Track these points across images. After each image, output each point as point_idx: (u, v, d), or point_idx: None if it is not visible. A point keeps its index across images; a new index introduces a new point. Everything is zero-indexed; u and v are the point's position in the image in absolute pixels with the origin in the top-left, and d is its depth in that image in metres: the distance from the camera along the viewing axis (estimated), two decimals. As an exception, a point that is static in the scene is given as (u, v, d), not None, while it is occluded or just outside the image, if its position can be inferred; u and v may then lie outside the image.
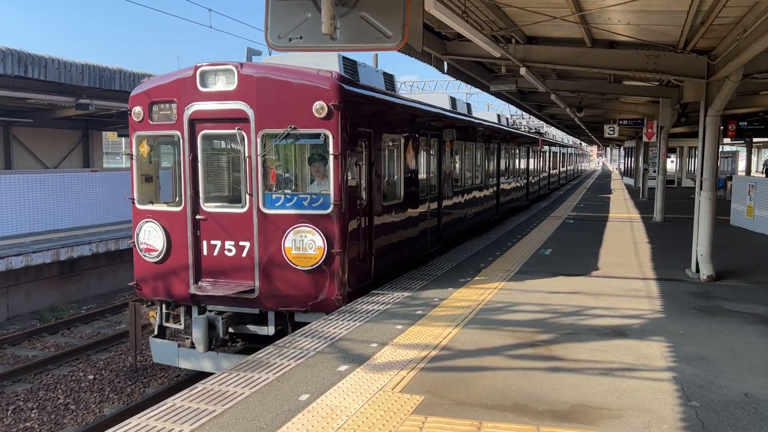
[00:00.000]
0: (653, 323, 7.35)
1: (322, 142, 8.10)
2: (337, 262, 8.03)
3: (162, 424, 4.63)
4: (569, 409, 4.88)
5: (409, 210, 10.83)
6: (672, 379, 5.54)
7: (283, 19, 4.84)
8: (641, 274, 10.40)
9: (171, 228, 8.64)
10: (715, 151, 10.12)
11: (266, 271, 8.19)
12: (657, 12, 8.30)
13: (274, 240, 8.11)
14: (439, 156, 12.75)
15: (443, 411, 4.84)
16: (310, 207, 8.12)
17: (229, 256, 8.37)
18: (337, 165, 7.94)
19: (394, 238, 10.13)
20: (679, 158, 37.73)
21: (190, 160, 8.45)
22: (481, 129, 17.05)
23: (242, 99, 8.12)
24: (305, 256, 8.03)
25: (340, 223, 8.01)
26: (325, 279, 8.07)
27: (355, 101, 8.52)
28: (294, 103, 7.98)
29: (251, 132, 8.12)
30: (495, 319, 7.47)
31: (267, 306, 8.33)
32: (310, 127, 7.95)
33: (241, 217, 8.29)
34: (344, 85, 8.14)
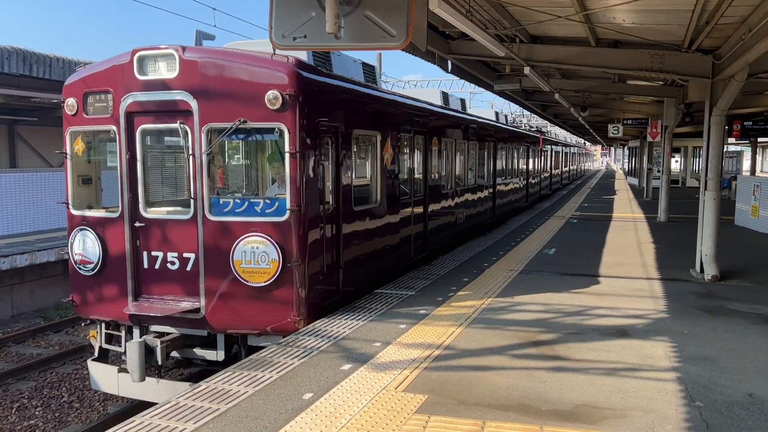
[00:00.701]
0: (657, 323, 7.33)
1: (277, 138, 7.18)
2: (295, 277, 7.00)
3: (166, 422, 4.64)
4: (573, 409, 4.88)
5: (388, 215, 9.82)
6: (676, 379, 5.53)
7: (287, 18, 4.84)
8: (645, 273, 10.38)
9: (107, 237, 7.61)
10: (720, 151, 10.09)
11: (213, 287, 7.17)
12: (662, 11, 8.28)
13: (221, 252, 7.09)
14: (426, 155, 11.76)
15: (446, 410, 4.84)
16: (263, 213, 7.13)
17: (172, 269, 7.34)
18: (295, 164, 6.95)
19: (369, 246, 9.13)
20: (684, 158, 37.64)
21: (128, 159, 7.42)
22: (475, 126, 15.98)
23: (184, 88, 7.12)
24: (257, 271, 7.02)
25: (299, 231, 7.03)
26: (280, 297, 7.06)
27: (318, 91, 7.58)
28: (244, 93, 7.01)
29: (195, 126, 7.13)
30: (498, 318, 7.46)
31: (215, 327, 7.28)
32: (263, 121, 6.98)
33: (185, 225, 7.27)
34: (303, 72, 7.18)
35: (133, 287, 7.48)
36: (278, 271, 6.97)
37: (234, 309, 7.17)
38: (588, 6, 8.24)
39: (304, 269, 7.10)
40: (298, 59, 7.24)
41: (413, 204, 11.10)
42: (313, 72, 7.56)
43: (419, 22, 4.90)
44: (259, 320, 7.16)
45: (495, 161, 18.41)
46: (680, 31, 9.30)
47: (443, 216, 13.07)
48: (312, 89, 7.34)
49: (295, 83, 6.92)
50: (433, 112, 12.48)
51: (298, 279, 7.05)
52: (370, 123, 9.31)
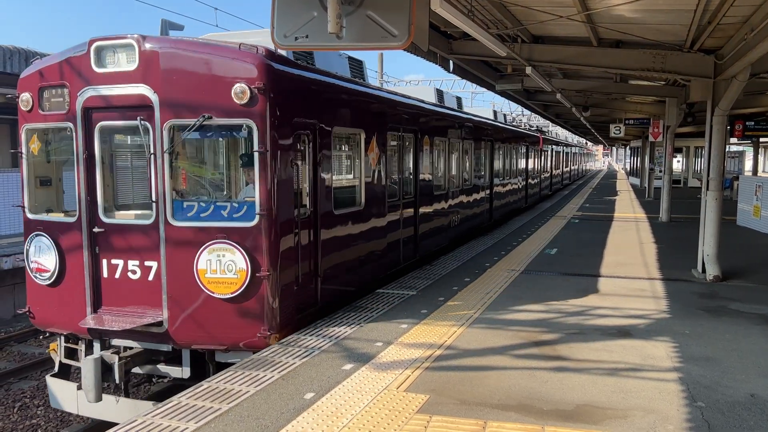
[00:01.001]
0: (659, 323, 7.33)
1: (245, 136, 6.63)
2: (265, 288, 6.44)
3: (167, 421, 4.64)
4: (574, 409, 4.88)
5: (374, 219, 9.22)
6: (678, 379, 5.52)
7: (289, 18, 4.84)
8: (647, 274, 10.37)
9: (64, 243, 7.03)
10: (722, 151, 10.08)
11: (177, 299, 6.61)
12: (664, 11, 8.27)
13: (185, 260, 6.52)
14: (416, 155, 11.13)
15: (448, 410, 4.84)
16: (230, 218, 6.56)
17: (134, 279, 6.76)
18: (265, 165, 6.39)
19: (352, 253, 8.54)
20: (686, 158, 37.61)
21: (85, 158, 6.84)
22: (470, 125, 15.31)
23: (145, 81, 6.55)
24: (223, 281, 6.45)
25: (270, 238, 6.45)
26: (249, 310, 6.50)
27: (292, 85, 7.04)
28: (209, 87, 6.46)
29: (156, 123, 6.56)
30: (500, 318, 7.46)
31: (179, 342, 6.70)
32: (230, 117, 6.43)
33: (147, 231, 6.68)
34: (275, 63, 6.59)
35: (92, 298, 6.90)
36: (246, 282, 6.40)
37: (199, 322, 6.59)
38: (590, 6, 8.24)
39: (275, 279, 6.52)
40: (269, 50, 6.58)
41: (402, 206, 10.53)
42: (286, 64, 6.97)
43: (421, 22, 4.90)
44: (226, 335, 6.59)
45: (492, 161, 17.82)
46: (682, 30, 9.29)
47: (436, 219, 12.49)
48: (285, 82, 6.83)
49: (265, 76, 6.38)
50: (424, 109, 11.94)
51: (268, 290, 6.48)
52: (353, 120, 8.71)
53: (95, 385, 6.54)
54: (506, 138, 20.07)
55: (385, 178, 9.62)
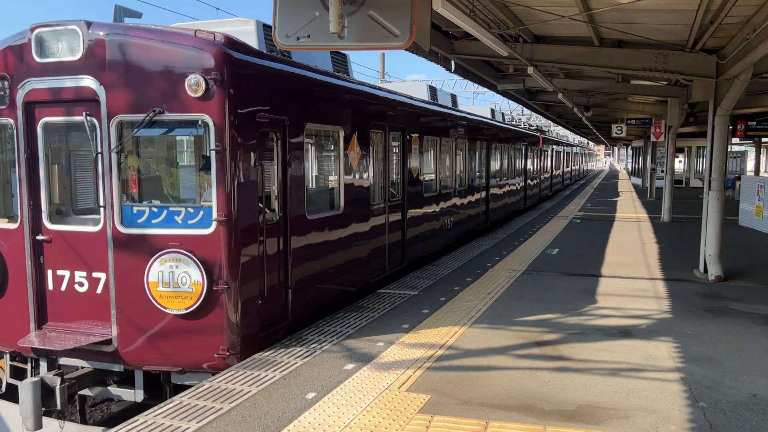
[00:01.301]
0: (661, 323, 7.32)
1: (201, 133, 5.99)
2: (224, 302, 5.87)
3: (169, 421, 4.65)
4: (576, 409, 4.87)
5: (355, 224, 8.58)
6: (680, 379, 5.52)
7: (291, 18, 4.84)
8: (649, 274, 10.36)
9: (7, 252, 6.40)
10: (724, 151, 10.07)
11: (127, 314, 6.01)
12: (666, 11, 8.26)
13: (135, 271, 5.93)
14: (404, 154, 10.48)
15: (450, 410, 4.84)
16: (184, 225, 5.94)
17: (81, 292, 6.17)
18: (223, 165, 5.80)
19: (329, 261, 7.90)
20: (687, 158, 37.57)
21: (26, 158, 6.22)
22: (464, 123, 14.53)
23: (90, 72, 5.93)
24: (177, 295, 5.85)
25: (229, 247, 5.86)
26: (206, 327, 5.91)
27: (256, 76, 6.40)
28: (161, 78, 5.86)
29: (102, 118, 5.96)
30: (501, 318, 7.46)
31: (129, 363, 6.09)
32: (184, 112, 5.82)
33: (95, 239, 6.07)
34: (235, 52, 6.00)
35: (36, 313, 6.27)
36: (202, 296, 5.81)
37: (151, 341, 6.00)
38: (591, 6, 8.23)
39: (235, 293, 5.94)
40: (229, 37, 6.06)
41: (388, 210, 9.89)
42: (250, 53, 6.35)
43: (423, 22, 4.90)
44: (181, 355, 5.98)
45: (489, 162, 17.12)
46: (684, 31, 9.28)
47: (426, 222, 11.85)
48: (247, 73, 6.23)
49: (223, 65, 5.76)
50: (412, 106, 11.25)
51: (227, 305, 5.89)
52: (330, 116, 8.07)
53: (34, 412, 5.81)
54: (504, 137, 19.49)
55: (369, 179, 9.02)
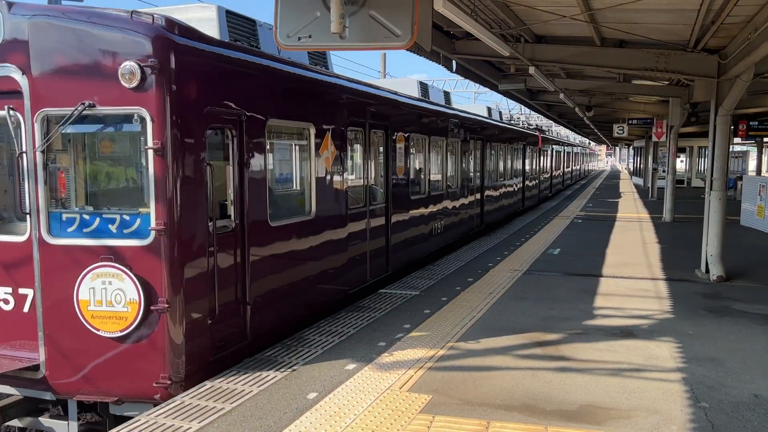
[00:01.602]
0: (662, 323, 7.32)
1: (138, 129, 5.27)
2: (164, 323, 5.18)
3: (171, 421, 4.65)
4: (578, 409, 4.87)
5: (330, 230, 7.88)
6: (681, 379, 5.51)
7: (292, 18, 4.84)
8: (650, 274, 10.35)
9: None
10: (726, 151, 10.06)
11: (55, 337, 5.35)
12: (667, 11, 8.25)
13: (63, 288, 5.27)
14: (387, 154, 9.77)
15: (451, 410, 4.83)
16: (119, 234, 5.28)
17: (6, 310, 5.53)
18: (163, 165, 5.11)
19: (298, 273, 7.20)
20: (689, 158, 37.54)
21: None
22: (457, 122, 13.79)
23: (12, 60, 5.27)
24: (110, 316, 5.19)
25: (170, 259, 5.16)
26: (144, 352, 5.25)
27: (205, 64, 5.66)
28: (93, 66, 5.16)
29: (26, 113, 5.31)
30: (503, 318, 7.45)
31: (60, 391, 5.44)
32: (117, 105, 5.15)
33: (20, 250, 5.43)
34: (178, 37, 5.29)
35: None
36: (139, 316, 5.15)
37: (83, 367, 5.33)
38: (593, 6, 8.22)
39: (178, 312, 5.25)
40: (172, 19, 5.35)
41: (370, 214, 9.17)
42: (198, 39, 5.61)
43: (424, 22, 4.90)
44: (116, 383, 5.33)
45: (484, 162, 16.38)
46: (686, 30, 9.27)
47: (413, 227, 11.07)
48: (193, 61, 5.50)
49: (162, 51, 5.09)
50: (397, 102, 10.49)
51: (169, 326, 5.20)
52: (298, 112, 7.33)
53: None
54: (501, 137, 18.86)
55: (346, 181, 8.30)
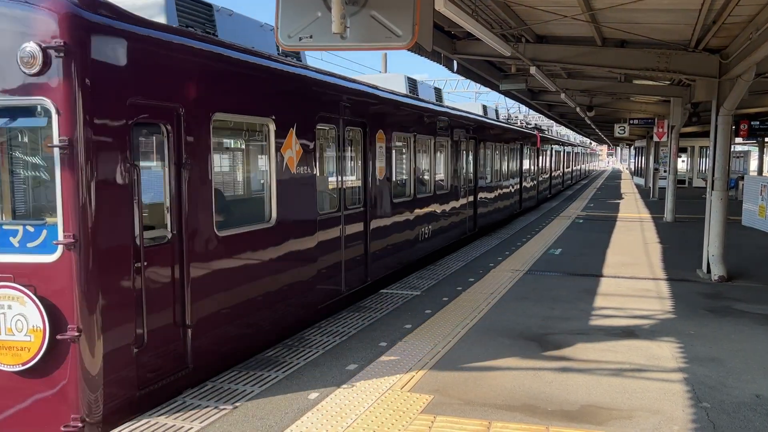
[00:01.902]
0: (664, 324, 7.31)
1: (42, 124, 4.56)
2: (76, 354, 4.44)
3: (172, 421, 4.65)
4: (579, 410, 4.87)
5: (293, 239, 7.02)
6: (683, 380, 5.51)
7: (293, 18, 4.84)
8: (652, 274, 10.34)
9: None
10: (727, 151, 10.05)
11: None
12: (668, 11, 8.25)
13: None
14: (366, 154, 8.95)
15: (452, 410, 4.83)
16: (22, 249, 4.56)
17: None
18: (72, 166, 4.38)
19: (254, 288, 6.35)
20: (690, 158, 37.51)
21: None
22: (446, 120, 12.90)
23: None
24: (10, 346, 4.47)
25: (82, 278, 4.42)
26: (51, 389, 4.52)
27: (128, 47, 4.79)
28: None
29: None
30: (504, 319, 7.45)
31: None
32: (16, 94, 4.46)
33: None
34: (93, 14, 4.54)
35: None
36: (44, 347, 4.41)
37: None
38: (594, 6, 8.22)
39: (94, 340, 4.48)
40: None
41: (345, 220, 8.37)
42: (120, 17, 4.83)
43: (425, 22, 4.90)
44: (16, 428, 4.62)
45: (477, 162, 15.51)
46: (687, 30, 9.27)
47: (396, 233, 10.25)
48: (115, 45, 4.69)
49: (73, 31, 4.33)
50: (378, 97, 9.69)
51: (81, 357, 4.44)
52: (255, 105, 6.48)
53: None
54: (496, 136, 18.01)
55: (314, 184, 7.48)
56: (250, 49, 6.60)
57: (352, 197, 8.84)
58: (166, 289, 5.21)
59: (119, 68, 4.77)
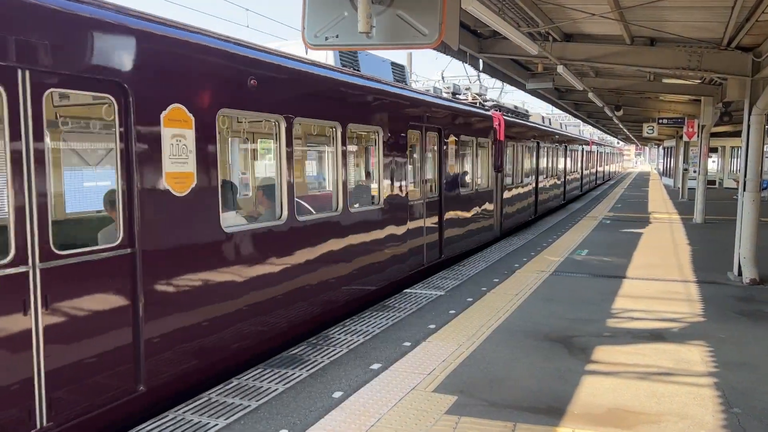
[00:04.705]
0: (693, 327, 7.18)
1: None
2: None
3: (198, 417, 4.70)
4: (605, 413, 4.80)
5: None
6: (713, 384, 5.40)
7: (319, 18, 4.86)
8: (681, 276, 10.17)
9: None
10: (760, 151, 9.84)
11: None
12: (700, 8, 8.10)
13: None
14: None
15: (476, 412, 4.80)
16: None
17: None
18: None
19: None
20: (721, 158, 36.81)
21: None
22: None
23: None
24: None
25: None
26: None
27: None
28: None
29: None
30: (529, 320, 7.39)
31: None
32: None
33: None
34: None
35: None
36: None
37: None
38: (623, 3, 8.11)
39: None
40: None
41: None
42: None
43: (451, 21, 4.87)
44: None
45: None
46: (719, 28, 9.09)
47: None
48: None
49: None
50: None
51: None
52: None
53: None
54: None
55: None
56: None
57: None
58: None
59: None
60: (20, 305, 4.01)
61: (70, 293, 4.33)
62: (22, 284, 4.03)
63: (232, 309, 5.85)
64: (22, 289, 4.03)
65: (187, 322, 5.30)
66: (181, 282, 5.23)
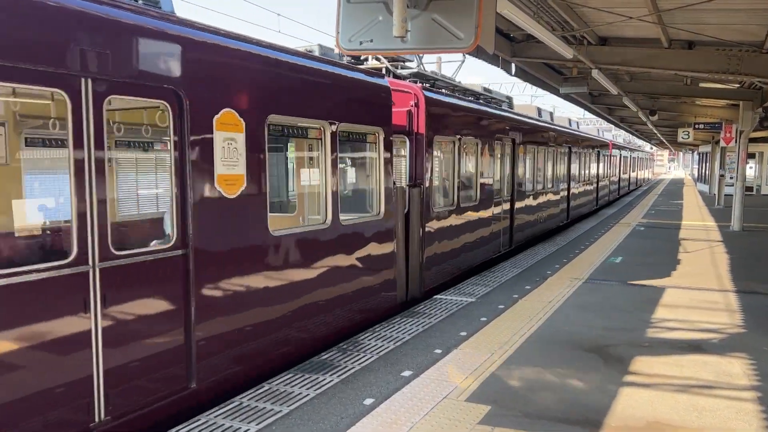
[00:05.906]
0: (733, 338, 6.97)
1: None
2: None
3: (230, 422, 4.70)
4: (644, 426, 4.67)
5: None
6: (756, 399, 5.22)
7: (354, 22, 4.85)
8: (719, 285, 9.90)
9: None
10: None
11: None
12: (740, 10, 7.90)
13: None
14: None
15: (510, 422, 4.71)
16: None
17: None
18: None
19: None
20: (759, 164, 35.89)
21: None
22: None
23: None
24: None
25: None
26: None
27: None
28: None
29: None
30: (562, 328, 7.26)
31: None
32: None
33: None
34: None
35: None
36: None
37: None
38: (661, 6, 7.94)
39: None
40: None
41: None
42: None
43: (487, 25, 4.81)
44: None
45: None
46: (760, 31, 8.86)
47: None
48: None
49: None
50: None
51: None
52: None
53: None
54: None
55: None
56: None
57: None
58: None
59: None
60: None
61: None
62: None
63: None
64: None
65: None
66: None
